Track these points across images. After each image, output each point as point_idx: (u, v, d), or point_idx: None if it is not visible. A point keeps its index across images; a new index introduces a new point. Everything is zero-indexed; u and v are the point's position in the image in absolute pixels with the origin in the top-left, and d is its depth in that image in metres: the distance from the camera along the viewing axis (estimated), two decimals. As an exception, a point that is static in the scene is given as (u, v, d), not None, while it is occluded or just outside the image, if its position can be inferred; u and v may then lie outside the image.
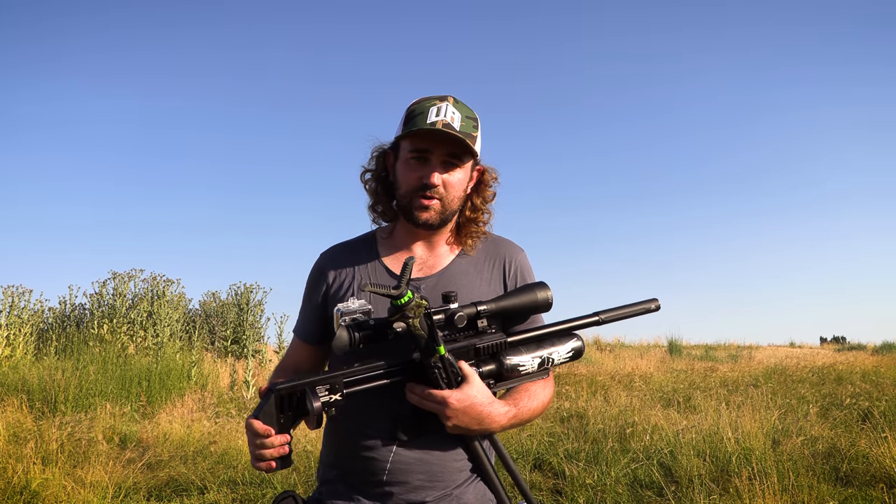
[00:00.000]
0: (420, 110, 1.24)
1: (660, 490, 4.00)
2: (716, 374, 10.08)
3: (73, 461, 4.34)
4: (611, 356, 13.95)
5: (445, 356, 1.10)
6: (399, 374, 1.14)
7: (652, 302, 1.29)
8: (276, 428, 1.04)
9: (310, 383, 1.05)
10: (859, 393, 7.41)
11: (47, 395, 6.46)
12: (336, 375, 1.07)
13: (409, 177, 1.26)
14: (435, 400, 1.11)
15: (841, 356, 15.64)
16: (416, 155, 1.25)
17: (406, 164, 1.27)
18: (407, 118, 1.26)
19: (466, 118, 1.26)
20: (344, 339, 1.06)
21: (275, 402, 1.03)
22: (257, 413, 1.04)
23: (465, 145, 1.23)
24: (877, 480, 4.05)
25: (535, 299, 1.22)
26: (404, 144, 1.28)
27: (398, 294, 1.02)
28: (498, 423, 1.16)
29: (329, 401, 1.05)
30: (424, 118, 1.22)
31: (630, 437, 5.22)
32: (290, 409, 1.04)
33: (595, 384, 8.47)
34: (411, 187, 1.26)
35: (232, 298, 13.49)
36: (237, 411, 6.81)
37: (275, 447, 1.05)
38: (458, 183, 1.28)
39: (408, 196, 1.27)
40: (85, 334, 9.87)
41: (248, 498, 3.96)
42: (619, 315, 1.26)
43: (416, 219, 1.27)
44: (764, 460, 4.23)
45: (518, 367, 1.18)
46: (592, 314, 1.25)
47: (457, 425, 1.13)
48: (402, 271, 1.04)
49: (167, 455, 4.90)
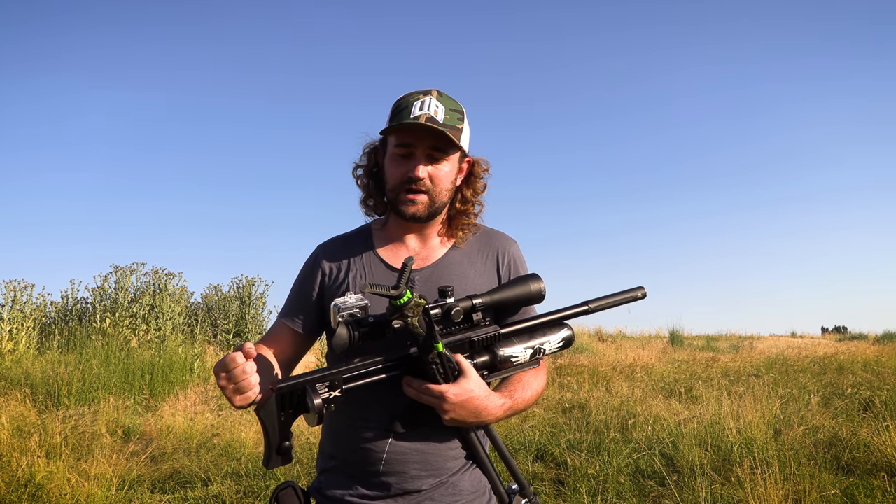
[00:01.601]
0: (404, 105, 1.26)
1: (662, 480, 4.01)
2: (717, 365, 10.09)
3: (77, 454, 4.36)
4: (612, 347, 13.96)
5: (443, 352, 1.12)
6: (396, 368, 1.15)
7: (638, 290, 1.33)
8: (277, 425, 1.04)
9: (310, 381, 1.05)
10: (860, 382, 7.43)
11: (51, 389, 6.49)
12: (336, 372, 1.08)
13: (395, 171, 1.29)
14: (432, 394, 1.13)
15: (842, 346, 15.64)
16: (401, 149, 1.27)
17: (392, 158, 1.30)
18: (392, 113, 1.28)
19: (451, 111, 1.27)
20: (344, 337, 1.07)
21: (276, 401, 1.03)
22: (260, 409, 1.04)
23: (447, 138, 1.24)
24: (878, 469, 4.05)
25: (528, 291, 1.24)
26: (390, 139, 1.30)
27: (398, 294, 1.04)
28: (494, 416, 1.19)
29: (329, 397, 1.06)
30: (409, 112, 1.23)
31: (632, 427, 5.23)
32: (290, 407, 1.05)
33: (597, 375, 8.48)
34: (398, 181, 1.28)
35: (234, 291, 13.51)
36: (240, 404, 6.83)
37: (248, 372, 1.04)
38: (444, 175, 1.30)
39: (395, 190, 1.29)
40: (87, 328, 9.90)
41: (251, 490, 3.98)
42: (607, 304, 1.29)
43: (403, 212, 1.29)
44: (765, 450, 4.24)
45: (511, 358, 1.21)
46: (581, 304, 1.28)
47: (454, 418, 1.15)
48: (402, 272, 1.04)
49: (170, 448, 4.93)
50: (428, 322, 1.09)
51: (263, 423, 1.03)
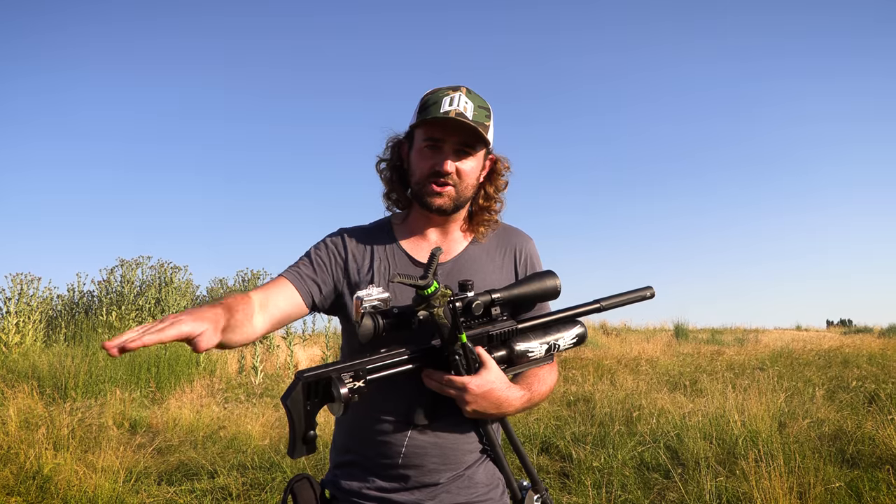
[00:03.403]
0: (434, 100, 1.27)
1: (666, 472, 4.01)
2: (722, 358, 10.08)
3: (85, 446, 4.40)
4: (617, 340, 13.96)
5: (467, 344, 1.14)
6: (418, 360, 1.16)
7: (647, 290, 1.37)
8: (303, 414, 1.03)
9: (336, 370, 1.06)
10: (865, 376, 7.41)
11: (58, 382, 6.54)
12: (361, 362, 1.09)
13: (422, 164, 1.30)
14: (455, 386, 1.15)
15: (847, 339, 15.60)
16: (429, 143, 1.28)
17: (420, 152, 1.30)
18: (421, 107, 1.29)
19: (479, 108, 1.28)
20: (369, 328, 1.09)
21: (302, 389, 1.03)
22: (286, 398, 1.04)
23: (478, 134, 1.25)
24: (883, 462, 4.05)
25: (544, 287, 1.26)
26: (418, 133, 1.31)
27: (426, 284, 1.06)
28: (514, 407, 1.21)
29: (354, 387, 1.06)
30: (438, 107, 1.24)
31: (637, 420, 5.24)
32: (316, 397, 1.05)
33: (602, 368, 8.49)
34: (424, 174, 1.29)
35: (239, 285, 13.54)
36: (245, 396, 6.88)
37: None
38: (470, 171, 1.31)
39: (422, 183, 1.30)
40: (94, 321, 9.96)
41: (257, 482, 4.00)
42: (618, 302, 1.33)
43: (429, 204, 1.30)
44: (770, 443, 4.24)
45: (527, 353, 1.23)
46: (594, 301, 1.32)
47: (476, 410, 1.16)
48: (430, 262, 1.06)
49: (177, 440, 4.96)
50: (453, 312, 1.11)
51: (290, 411, 1.03)
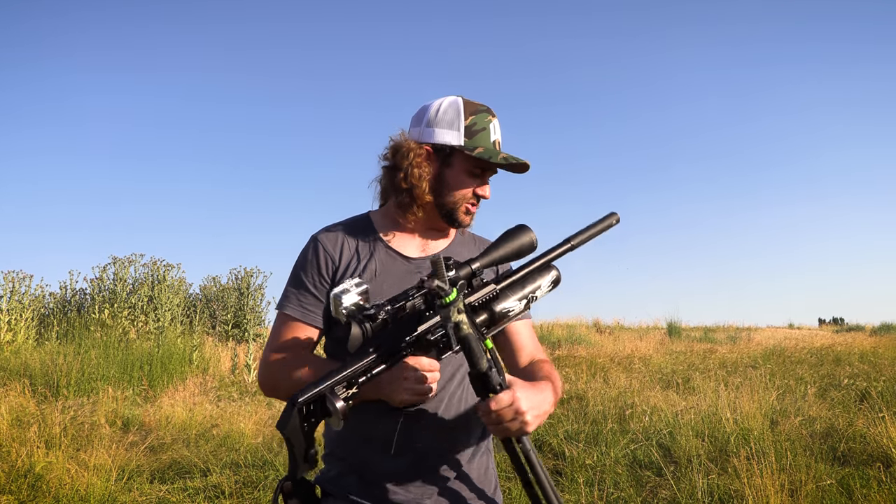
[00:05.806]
0: (480, 125, 1.31)
1: (659, 470, 4.03)
2: (715, 356, 10.12)
3: (77, 445, 4.38)
4: (610, 338, 14.01)
5: (492, 348, 1.10)
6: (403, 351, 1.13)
7: (612, 216, 1.35)
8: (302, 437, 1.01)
9: (329, 386, 1.03)
10: (857, 373, 7.45)
11: (49, 380, 6.50)
12: (353, 371, 1.06)
13: (465, 187, 1.34)
14: (509, 416, 1.03)
15: (839, 337, 15.71)
16: (479, 171, 1.34)
17: (468, 174, 1.34)
18: (468, 130, 1.31)
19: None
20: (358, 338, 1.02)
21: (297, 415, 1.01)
22: (283, 426, 1.01)
23: (523, 171, 1.35)
24: (874, 460, 4.08)
25: (521, 244, 1.23)
26: (466, 157, 1.32)
27: (446, 293, 1.04)
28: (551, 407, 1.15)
29: (348, 396, 1.04)
30: (488, 135, 1.32)
31: (629, 418, 5.26)
32: (312, 416, 1.03)
33: (594, 366, 8.51)
34: (464, 197, 1.34)
35: (232, 283, 13.51)
36: (238, 395, 6.85)
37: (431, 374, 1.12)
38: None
39: (460, 202, 1.34)
40: (86, 319, 9.90)
41: (250, 480, 4.00)
42: (587, 237, 1.31)
43: (461, 222, 1.36)
44: (762, 440, 4.26)
45: (508, 312, 1.21)
46: (564, 241, 1.29)
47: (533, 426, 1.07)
48: (437, 269, 1.04)
49: (170, 438, 4.94)
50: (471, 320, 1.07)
51: (289, 439, 1.01)
